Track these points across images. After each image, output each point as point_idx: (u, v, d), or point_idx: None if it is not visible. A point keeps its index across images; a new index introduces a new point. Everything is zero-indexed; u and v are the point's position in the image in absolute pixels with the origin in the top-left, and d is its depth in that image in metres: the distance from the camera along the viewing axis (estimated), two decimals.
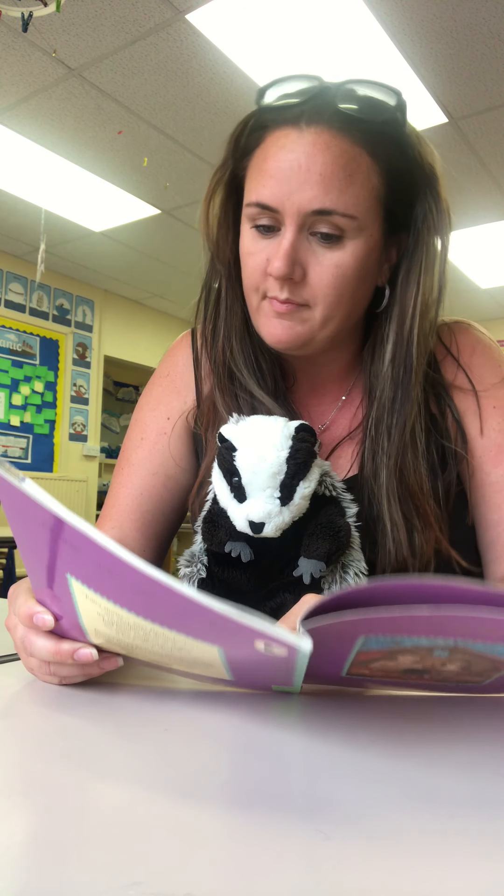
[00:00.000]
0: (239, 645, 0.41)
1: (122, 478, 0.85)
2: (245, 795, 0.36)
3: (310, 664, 0.46)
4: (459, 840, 0.32)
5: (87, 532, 0.38)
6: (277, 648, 0.40)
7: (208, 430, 0.80)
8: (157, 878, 0.28)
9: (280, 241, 0.68)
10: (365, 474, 0.74)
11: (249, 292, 0.74)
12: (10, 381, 5.13)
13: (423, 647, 0.43)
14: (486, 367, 0.79)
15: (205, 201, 0.78)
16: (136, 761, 0.40)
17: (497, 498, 0.76)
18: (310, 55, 2.67)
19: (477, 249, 4.53)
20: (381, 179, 0.69)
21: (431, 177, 0.72)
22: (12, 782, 0.37)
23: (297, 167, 0.66)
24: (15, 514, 0.44)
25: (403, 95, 0.70)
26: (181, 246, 4.77)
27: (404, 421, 0.73)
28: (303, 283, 0.69)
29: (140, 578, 0.38)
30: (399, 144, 0.70)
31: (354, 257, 0.69)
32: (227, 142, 0.75)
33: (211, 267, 0.80)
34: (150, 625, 0.43)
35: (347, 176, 0.66)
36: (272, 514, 0.60)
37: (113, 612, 0.44)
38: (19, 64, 2.85)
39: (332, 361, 0.81)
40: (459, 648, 0.42)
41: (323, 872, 0.28)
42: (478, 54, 2.67)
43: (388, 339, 0.75)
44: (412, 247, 0.74)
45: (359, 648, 0.43)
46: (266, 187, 0.68)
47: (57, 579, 0.45)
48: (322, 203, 0.66)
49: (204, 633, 0.42)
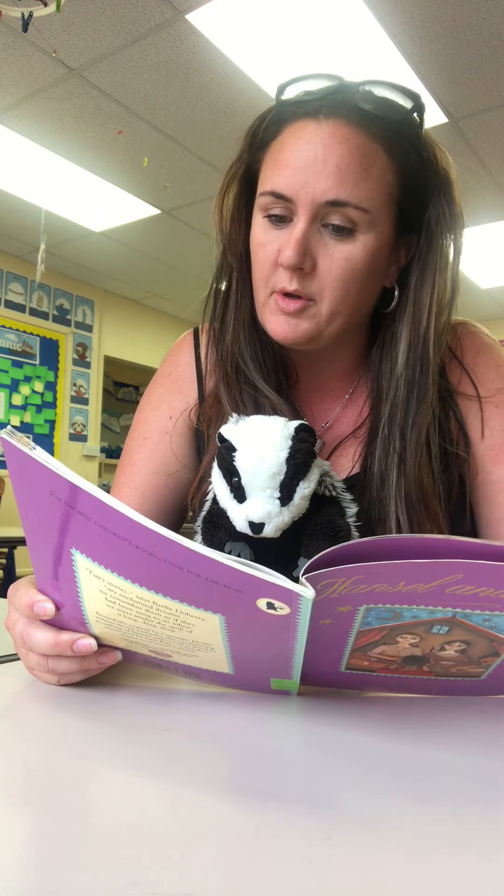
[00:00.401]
0: (241, 608, 0.42)
1: (125, 477, 0.86)
2: (245, 795, 0.36)
3: (310, 651, 0.46)
4: (460, 840, 0.32)
5: (96, 493, 0.39)
6: (280, 605, 0.40)
7: (211, 426, 0.80)
8: (157, 878, 0.28)
9: (292, 231, 0.68)
10: (370, 474, 0.74)
11: (259, 285, 0.73)
12: (10, 381, 5.13)
13: (422, 623, 0.43)
14: (489, 369, 0.79)
15: (219, 194, 0.78)
16: (137, 761, 0.40)
17: (499, 497, 0.76)
18: (310, 55, 2.67)
19: (477, 249, 4.53)
20: (395, 178, 0.69)
21: (446, 180, 0.72)
22: (12, 782, 0.37)
23: (314, 157, 0.67)
24: (24, 486, 0.45)
25: (422, 99, 0.70)
26: (181, 246, 4.77)
27: (420, 423, 0.73)
28: (312, 274, 0.69)
29: (146, 535, 0.39)
30: (415, 146, 0.70)
31: (365, 252, 0.69)
32: (244, 136, 0.75)
33: (222, 260, 0.80)
34: (153, 596, 0.43)
35: (363, 169, 0.67)
36: (272, 515, 0.60)
37: (116, 588, 0.44)
38: (19, 64, 2.85)
39: (337, 360, 0.81)
40: (458, 622, 0.42)
41: (323, 872, 0.28)
42: (478, 54, 2.67)
43: (401, 340, 0.75)
44: (425, 248, 0.74)
45: (359, 626, 0.44)
46: (281, 176, 0.68)
47: (63, 560, 0.46)
48: (336, 194, 0.66)
49: (206, 599, 0.42)
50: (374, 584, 0.40)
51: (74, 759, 0.40)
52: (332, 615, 0.43)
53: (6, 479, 3.85)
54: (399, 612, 0.42)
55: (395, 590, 0.40)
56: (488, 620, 0.42)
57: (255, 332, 0.79)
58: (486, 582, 0.39)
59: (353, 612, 0.43)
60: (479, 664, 0.48)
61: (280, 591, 0.40)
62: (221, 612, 0.43)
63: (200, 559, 0.39)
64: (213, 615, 0.44)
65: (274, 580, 0.39)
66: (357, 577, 0.39)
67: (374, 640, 0.46)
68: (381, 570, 0.39)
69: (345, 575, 0.39)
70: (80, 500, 0.41)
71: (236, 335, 0.79)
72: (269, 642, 0.45)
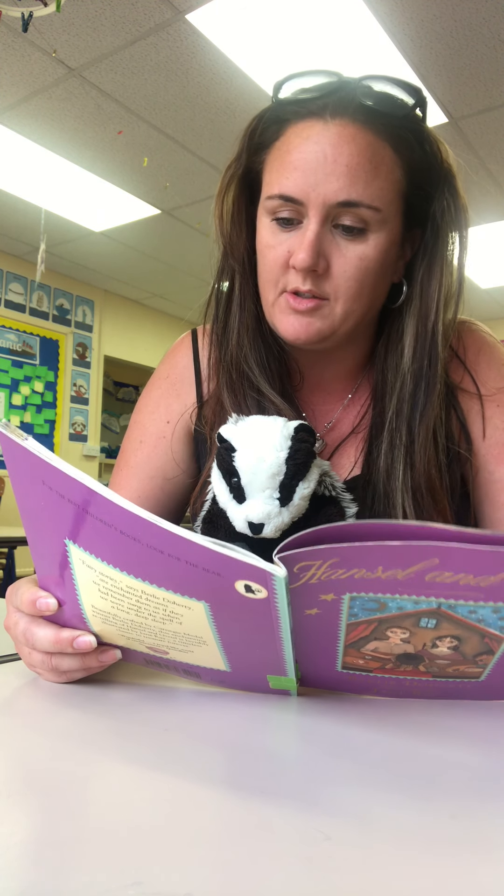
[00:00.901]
0: (222, 592, 0.43)
1: (120, 480, 0.85)
2: (245, 795, 0.36)
3: (303, 646, 0.46)
4: (460, 840, 0.32)
5: (81, 478, 0.40)
6: (257, 588, 0.41)
7: (213, 430, 0.79)
8: (157, 878, 0.28)
9: (304, 233, 0.68)
10: (375, 469, 0.74)
11: (267, 287, 0.73)
12: (10, 381, 5.13)
13: (408, 615, 0.43)
14: (491, 367, 0.79)
15: (218, 196, 0.77)
16: (137, 761, 0.40)
17: (501, 497, 0.76)
18: (310, 55, 2.67)
19: (477, 249, 4.53)
20: (403, 174, 0.69)
21: (449, 173, 0.73)
22: (12, 782, 0.37)
23: (323, 158, 0.66)
24: (20, 478, 0.46)
25: (423, 93, 0.70)
26: (181, 246, 4.77)
27: (428, 415, 0.73)
28: (325, 275, 0.69)
29: (127, 518, 0.40)
30: (419, 140, 0.71)
31: (378, 250, 0.69)
32: (242, 136, 0.74)
33: (223, 263, 0.79)
34: (141, 584, 0.44)
35: (373, 168, 0.66)
36: (271, 515, 0.60)
37: (107, 577, 0.45)
38: (19, 64, 2.85)
39: (342, 359, 0.80)
40: (444, 613, 0.43)
41: (323, 872, 0.28)
42: (478, 54, 2.67)
43: (407, 334, 0.75)
44: (432, 241, 0.74)
45: (346, 618, 0.44)
46: (290, 179, 0.67)
47: (59, 552, 0.47)
48: (348, 194, 0.66)
49: (189, 586, 0.43)
50: (352, 570, 0.40)
51: (74, 759, 0.40)
52: (316, 604, 0.43)
53: (6, 479, 3.85)
54: (384, 603, 0.42)
55: (374, 576, 0.40)
56: (474, 612, 0.43)
57: (258, 335, 0.78)
58: (463, 567, 0.39)
59: (338, 601, 0.43)
60: (476, 663, 0.48)
61: (255, 572, 0.41)
62: (205, 599, 0.44)
63: (177, 541, 0.40)
64: (197, 602, 0.44)
65: (246, 559, 0.40)
66: (332, 560, 0.40)
67: (364, 636, 0.46)
68: (354, 552, 0.39)
69: (320, 557, 0.40)
70: (68, 487, 0.42)
71: (240, 339, 0.78)
72: (255, 631, 0.46)
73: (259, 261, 0.74)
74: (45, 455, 0.42)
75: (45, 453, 0.42)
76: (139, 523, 0.40)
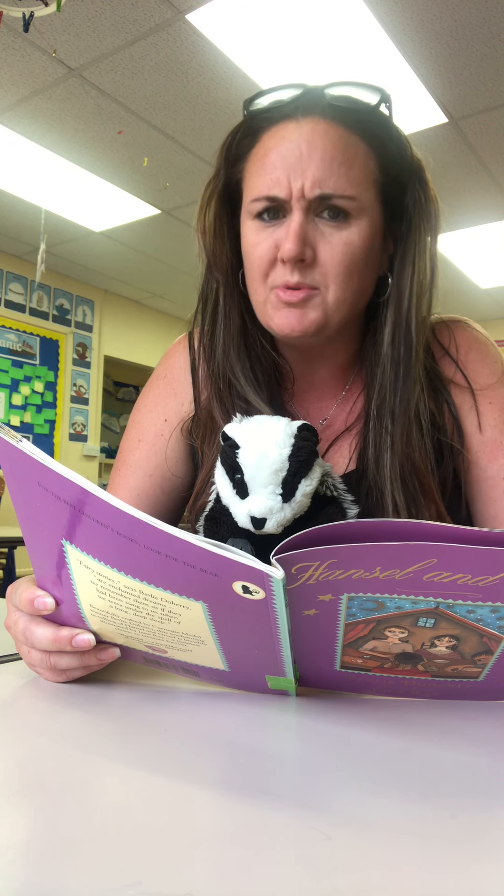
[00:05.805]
0: (220, 593, 0.43)
1: (119, 479, 0.86)
2: (245, 795, 0.36)
3: (301, 646, 0.46)
4: (460, 840, 0.32)
5: (77, 480, 0.41)
6: (255, 589, 0.41)
7: (204, 442, 0.80)
8: (157, 878, 0.28)
9: (289, 225, 0.69)
10: (366, 462, 0.75)
11: (256, 285, 0.74)
12: (10, 381, 5.13)
13: (407, 614, 0.43)
14: (482, 364, 0.80)
15: (199, 212, 0.79)
16: (137, 761, 0.40)
17: (493, 493, 0.77)
18: (310, 55, 2.67)
19: (477, 249, 4.53)
20: (376, 164, 0.72)
21: (418, 166, 0.75)
22: (12, 782, 0.37)
23: (299, 153, 0.68)
24: (16, 481, 0.46)
25: (387, 91, 0.73)
26: (181, 246, 4.77)
27: (408, 399, 0.74)
28: (313, 264, 0.70)
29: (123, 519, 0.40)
30: (388, 133, 0.73)
31: (361, 237, 0.70)
32: (219, 152, 0.77)
33: (208, 276, 0.81)
34: (139, 585, 0.44)
35: (348, 159, 0.69)
36: (274, 510, 0.60)
37: (105, 578, 0.45)
38: (19, 64, 2.85)
39: (333, 357, 0.81)
40: (442, 613, 0.42)
41: (323, 872, 0.28)
42: (478, 54, 2.67)
43: (387, 322, 0.76)
44: (405, 232, 0.76)
45: (345, 618, 0.44)
46: (271, 177, 0.70)
47: (56, 553, 0.47)
48: (326, 186, 0.68)
49: (186, 586, 0.43)
50: (350, 570, 0.40)
51: (74, 759, 0.40)
52: (314, 604, 0.43)
53: None
54: (382, 603, 0.42)
55: (372, 576, 0.40)
56: (472, 612, 0.42)
57: (244, 346, 0.80)
58: (461, 567, 0.39)
59: (336, 601, 0.43)
60: (474, 663, 0.48)
61: (252, 573, 0.40)
62: (203, 600, 0.44)
63: (175, 542, 0.40)
64: (195, 602, 0.44)
65: (243, 560, 0.40)
66: (330, 560, 0.40)
67: (363, 635, 0.46)
68: (352, 552, 0.39)
69: (318, 558, 0.40)
70: (64, 489, 0.42)
71: (226, 350, 0.79)
72: (253, 632, 0.45)
73: (246, 263, 0.75)
74: (40, 457, 0.42)
75: (39, 455, 0.42)
76: (136, 524, 0.40)
